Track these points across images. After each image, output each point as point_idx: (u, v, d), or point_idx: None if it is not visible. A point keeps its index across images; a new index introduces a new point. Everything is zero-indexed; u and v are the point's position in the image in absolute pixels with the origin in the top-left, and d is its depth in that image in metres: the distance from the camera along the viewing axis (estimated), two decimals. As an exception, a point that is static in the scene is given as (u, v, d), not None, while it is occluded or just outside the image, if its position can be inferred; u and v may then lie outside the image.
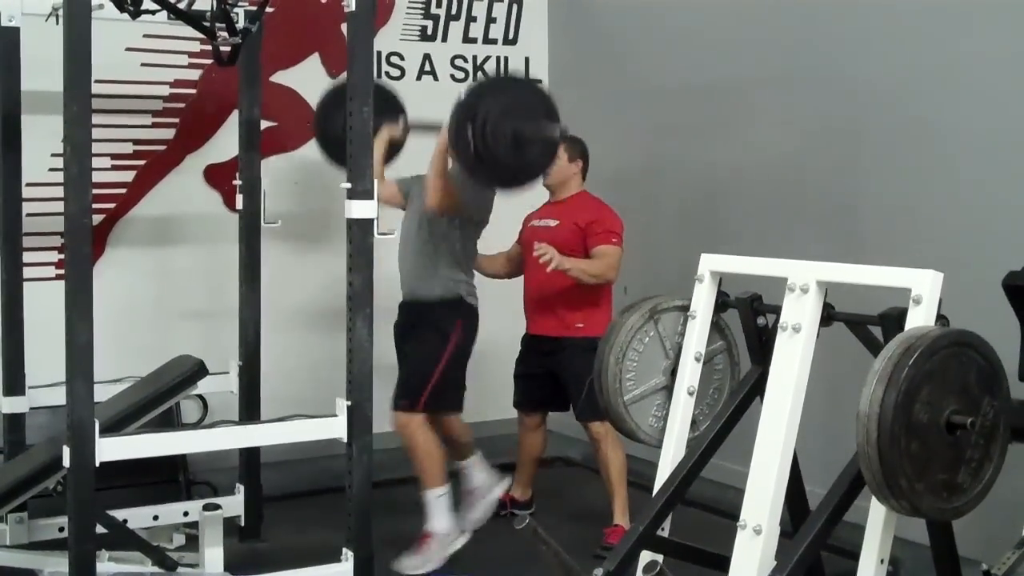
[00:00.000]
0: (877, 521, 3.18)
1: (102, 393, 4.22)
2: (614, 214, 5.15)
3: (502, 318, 4.98)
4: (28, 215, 4.83)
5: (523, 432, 5.49)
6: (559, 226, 5.15)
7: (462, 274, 4.86)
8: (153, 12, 4.05)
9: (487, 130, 4.33)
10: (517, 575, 4.47)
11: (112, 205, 5.65)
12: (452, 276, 4.81)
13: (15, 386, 4.76)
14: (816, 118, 5.22)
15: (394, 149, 5.12)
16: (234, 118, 5.25)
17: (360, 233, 3.96)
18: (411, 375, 4.76)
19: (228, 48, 4.43)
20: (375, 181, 3.99)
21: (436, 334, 4.78)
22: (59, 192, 3.64)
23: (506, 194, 4.95)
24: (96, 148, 3.63)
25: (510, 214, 5.26)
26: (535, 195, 5.30)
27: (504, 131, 4.36)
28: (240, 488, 5.02)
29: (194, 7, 4.04)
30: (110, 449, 3.68)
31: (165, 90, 5.74)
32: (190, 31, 4.36)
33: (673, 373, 3.85)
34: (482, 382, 5.30)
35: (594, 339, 5.00)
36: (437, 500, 4.77)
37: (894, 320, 3.26)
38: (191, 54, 5.73)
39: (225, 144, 5.68)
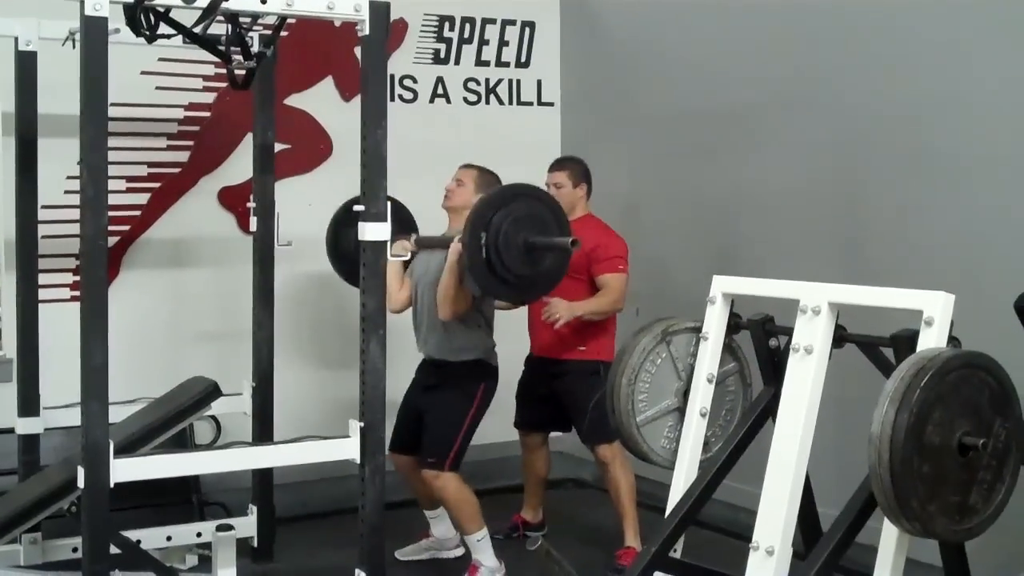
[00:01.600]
0: (889, 542, 3.18)
1: (116, 414, 4.24)
2: (619, 238, 5.15)
3: (507, 340, 4.98)
4: (44, 237, 4.86)
5: (526, 453, 5.48)
6: None
7: (484, 337, 4.83)
8: (168, 36, 4.06)
9: (500, 242, 4.33)
10: (529, 596, 4.47)
11: (127, 227, 5.68)
12: (474, 342, 4.78)
13: (30, 407, 4.78)
14: (827, 142, 5.23)
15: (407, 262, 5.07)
16: (248, 141, 5.28)
17: (373, 255, 3.97)
18: (439, 435, 4.71)
19: (243, 72, 4.46)
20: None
21: (461, 395, 4.74)
22: (75, 214, 3.66)
23: (519, 303, 4.96)
24: (112, 171, 3.65)
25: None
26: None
27: (517, 242, 4.36)
28: (253, 509, 5.02)
29: (209, 31, 4.07)
30: (124, 470, 3.69)
31: (180, 113, 5.79)
32: (205, 55, 4.38)
33: (685, 394, 3.86)
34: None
35: (597, 362, 5.05)
36: (479, 543, 4.75)
37: (906, 342, 3.26)
38: (206, 77, 5.77)
39: (239, 167, 5.71)
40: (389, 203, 3.99)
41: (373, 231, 3.95)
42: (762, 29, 5.55)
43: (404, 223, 5.12)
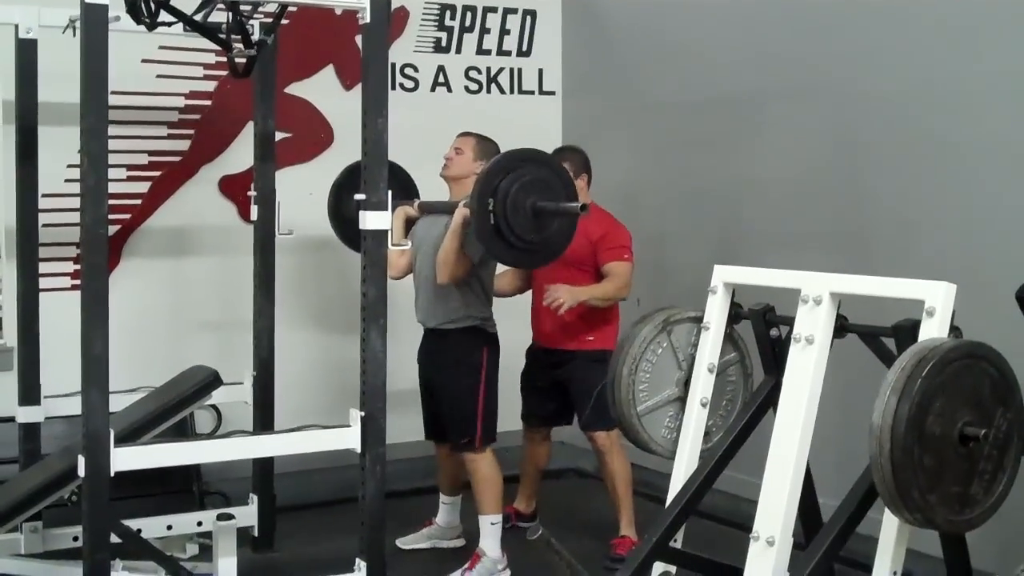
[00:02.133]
0: (890, 533, 3.17)
1: (117, 403, 4.24)
2: (623, 227, 5.14)
3: (509, 331, 4.98)
4: (44, 226, 4.86)
5: (529, 445, 5.48)
6: None
7: (483, 305, 4.83)
8: (169, 24, 4.06)
9: (508, 206, 4.32)
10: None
11: (128, 216, 5.67)
12: (471, 310, 4.77)
13: (31, 396, 4.78)
14: (828, 130, 5.22)
15: (407, 227, 5.06)
16: (249, 129, 5.27)
17: (374, 244, 3.97)
18: (457, 416, 4.73)
19: (243, 60, 4.46)
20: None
21: (467, 369, 4.75)
22: (75, 203, 3.67)
23: (526, 268, 4.94)
24: (112, 159, 3.65)
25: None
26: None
27: (525, 206, 4.35)
28: (253, 498, 5.03)
29: (210, 19, 4.06)
30: (125, 459, 3.70)
31: (180, 101, 5.77)
32: (205, 43, 4.38)
33: (686, 384, 3.85)
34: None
35: (604, 351, 5.02)
36: (491, 527, 4.76)
37: (907, 332, 3.26)
38: (206, 66, 5.76)
39: (240, 155, 5.71)
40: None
41: (374, 220, 3.95)
42: (763, 18, 5.54)
43: (405, 188, 5.12)
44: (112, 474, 3.65)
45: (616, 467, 5.08)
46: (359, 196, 3.96)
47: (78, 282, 3.82)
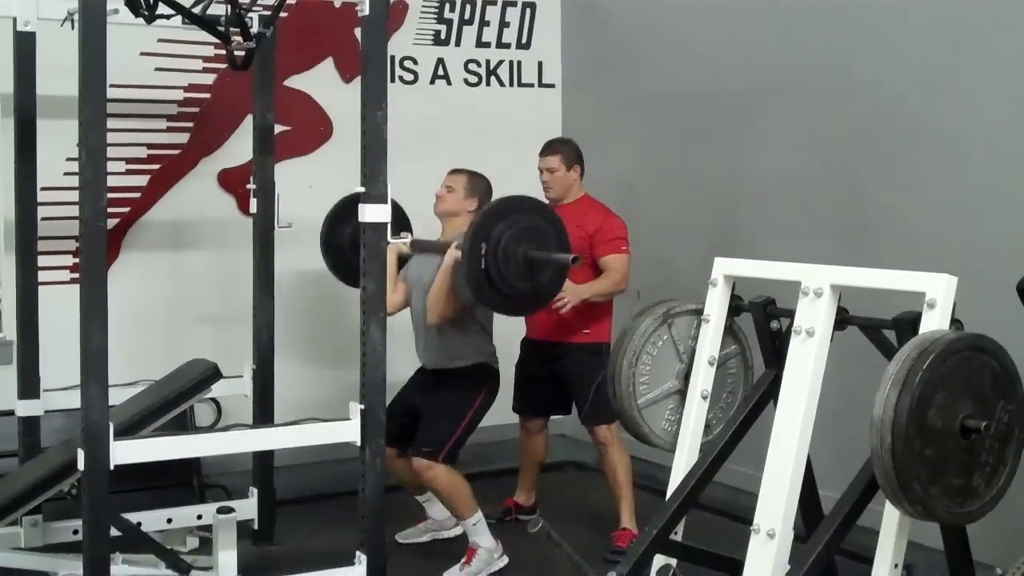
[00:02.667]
0: (891, 525, 3.17)
1: (116, 396, 4.23)
2: (618, 218, 5.13)
3: (502, 322, 4.97)
4: (43, 219, 4.84)
5: (526, 437, 5.47)
6: None
7: (484, 342, 4.83)
8: (168, 17, 4.05)
9: (499, 254, 4.31)
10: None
11: (127, 209, 5.67)
12: (474, 348, 4.78)
13: (30, 389, 4.77)
14: (829, 123, 5.22)
15: (400, 264, 5.06)
16: (248, 122, 5.26)
17: (374, 237, 3.96)
18: (436, 428, 4.71)
19: (242, 52, 4.44)
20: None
21: (462, 396, 4.76)
22: (74, 196, 3.65)
23: (511, 315, 4.93)
24: (111, 152, 3.63)
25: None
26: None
27: (517, 256, 4.33)
28: (253, 491, 5.02)
29: (209, 11, 4.05)
30: (124, 452, 3.69)
31: (179, 94, 5.77)
32: (204, 36, 4.37)
33: (686, 377, 3.85)
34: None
35: (598, 343, 5.06)
36: (475, 527, 4.76)
37: (908, 324, 3.25)
38: (205, 59, 5.75)
39: (239, 148, 5.70)
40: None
41: (373, 212, 3.94)
42: (763, 11, 5.53)
43: (399, 222, 5.11)
44: (112, 467, 3.64)
45: (616, 460, 5.09)
46: (358, 188, 3.95)
47: (77, 275, 3.82)
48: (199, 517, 4.72)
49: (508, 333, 5.19)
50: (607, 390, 3.89)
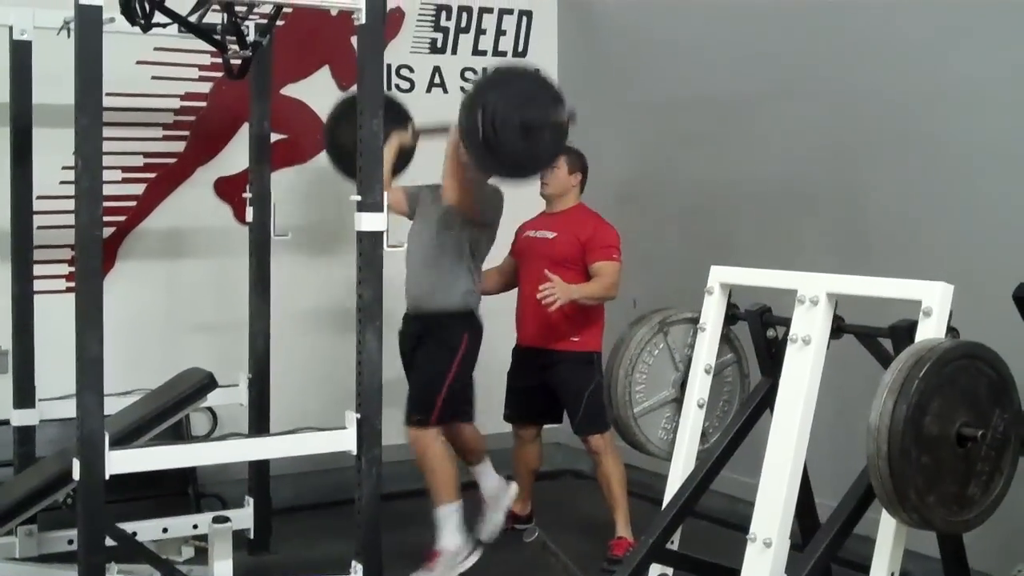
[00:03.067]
0: (887, 534, 3.17)
1: (112, 406, 4.22)
2: (611, 228, 5.14)
3: (496, 331, 4.97)
4: (39, 228, 4.85)
5: (519, 445, 5.46)
6: (557, 239, 5.13)
7: (472, 285, 4.85)
8: (164, 25, 4.05)
9: (496, 121, 4.31)
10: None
11: (123, 218, 5.66)
12: (463, 287, 4.80)
13: (25, 398, 4.77)
14: (825, 130, 5.22)
15: (405, 158, 5.11)
16: (244, 131, 5.26)
17: (370, 246, 3.96)
18: (421, 391, 4.75)
19: (239, 61, 4.44)
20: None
21: (443, 348, 4.77)
22: (70, 205, 3.65)
23: (518, 183, 4.92)
24: (107, 161, 3.63)
25: (502, 225, 5.13)
26: (527, 205, 5.30)
27: (513, 120, 4.34)
28: (249, 501, 5.01)
29: (205, 20, 4.05)
30: (120, 462, 3.68)
31: (176, 103, 5.76)
32: (201, 44, 4.37)
33: (683, 385, 3.85)
34: (478, 396, 5.25)
35: (590, 352, 5.06)
36: (447, 517, 4.74)
37: (904, 332, 3.25)
38: (202, 67, 5.75)
39: (235, 157, 5.69)
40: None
41: (369, 221, 3.94)
42: (759, 17, 5.53)
43: (398, 116, 5.11)
44: (107, 477, 3.64)
45: (611, 469, 5.08)
46: (354, 197, 3.95)
47: (73, 284, 3.80)
48: (195, 527, 4.71)
49: (500, 340, 5.18)
50: (602, 398, 3.89)
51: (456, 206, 4.70)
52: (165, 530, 4.68)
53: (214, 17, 4.17)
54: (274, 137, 5.10)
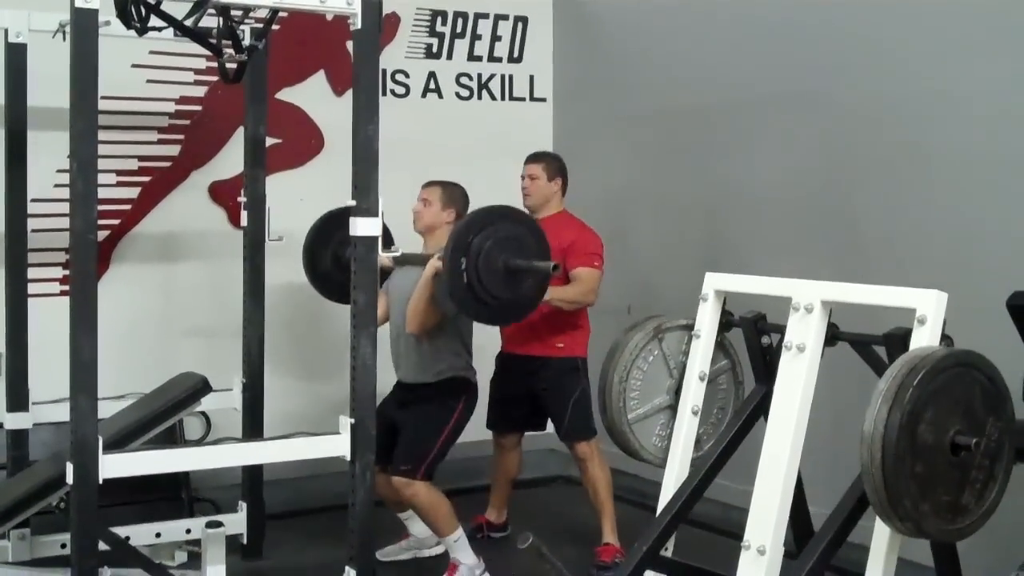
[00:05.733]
0: (881, 542, 3.17)
1: (105, 410, 4.22)
2: (594, 234, 5.14)
3: (479, 337, 4.96)
4: (33, 231, 4.84)
5: (501, 454, 5.45)
6: None
7: (462, 354, 4.82)
8: (159, 29, 4.05)
9: (480, 265, 4.28)
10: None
11: (117, 221, 5.65)
12: (452, 360, 4.77)
13: (19, 402, 4.76)
14: (820, 139, 5.22)
15: (383, 277, 5.04)
16: (239, 135, 5.26)
17: (364, 250, 3.96)
18: (414, 445, 4.70)
19: (234, 65, 4.44)
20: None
21: (440, 409, 4.75)
22: (64, 208, 3.65)
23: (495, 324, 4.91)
24: (102, 164, 3.63)
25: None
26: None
27: (498, 265, 4.31)
28: (243, 505, 5.00)
29: (200, 24, 4.05)
30: (113, 466, 3.68)
31: (171, 107, 5.76)
32: (196, 48, 4.37)
33: (677, 392, 3.86)
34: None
35: (575, 358, 5.06)
36: (456, 543, 4.74)
37: (898, 340, 3.26)
38: (197, 71, 5.74)
39: (230, 161, 5.69)
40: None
41: (364, 226, 3.94)
42: (754, 26, 5.54)
43: (385, 239, 5.09)
44: (100, 481, 3.63)
45: (597, 475, 5.08)
46: (349, 202, 3.95)
47: (67, 288, 3.80)
48: (188, 531, 4.70)
49: (484, 347, 5.18)
50: (588, 405, 3.90)
51: (419, 333, 4.67)
52: (158, 535, 4.66)
53: (210, 21, 4.16)
54: (269, 141, 5.09)
